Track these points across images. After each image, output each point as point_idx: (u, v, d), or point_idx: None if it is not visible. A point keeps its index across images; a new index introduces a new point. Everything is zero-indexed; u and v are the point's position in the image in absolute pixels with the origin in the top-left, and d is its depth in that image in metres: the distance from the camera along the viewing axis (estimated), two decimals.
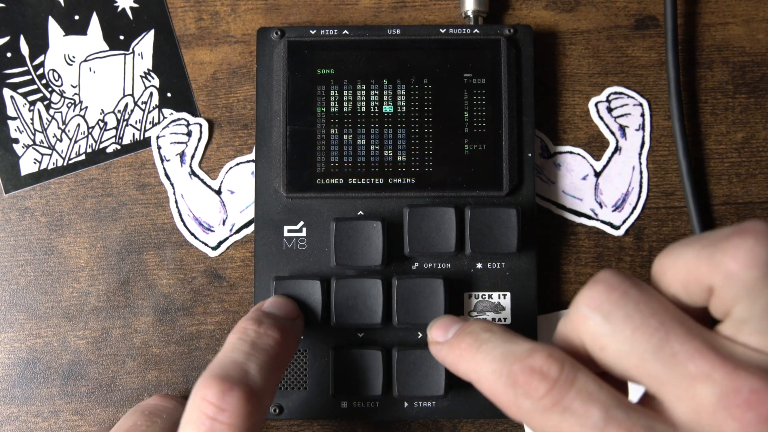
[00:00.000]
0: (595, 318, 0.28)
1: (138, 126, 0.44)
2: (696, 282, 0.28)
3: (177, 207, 0.44)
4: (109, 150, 0.44)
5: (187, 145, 0.44)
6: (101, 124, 0.44)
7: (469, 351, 0.32)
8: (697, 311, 0.29)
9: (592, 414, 0.27)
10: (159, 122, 0.44)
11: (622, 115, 0.44)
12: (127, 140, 0.44)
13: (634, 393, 0.31)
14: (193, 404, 0.32)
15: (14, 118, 0.44)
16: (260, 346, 0.35)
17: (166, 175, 0.44)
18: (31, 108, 0.45)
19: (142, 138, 0.44)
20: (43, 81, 0.45)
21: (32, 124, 0.44)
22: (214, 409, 0.32)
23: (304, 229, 0.42)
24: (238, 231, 0.44)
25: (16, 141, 0.44)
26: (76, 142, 0.44)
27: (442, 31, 0.43)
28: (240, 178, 0.44)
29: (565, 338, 0.30)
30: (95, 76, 0.45)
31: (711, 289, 0.28)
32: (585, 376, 0.28)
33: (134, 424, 0.37)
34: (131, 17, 0.45)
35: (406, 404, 0.42)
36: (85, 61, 0.45)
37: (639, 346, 0.27)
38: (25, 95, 0.45)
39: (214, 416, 0.32)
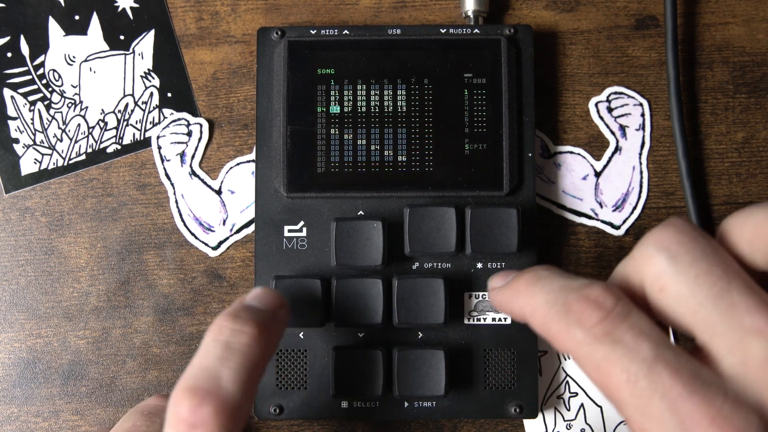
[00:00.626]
0: (661, 257, 0.28)
1: (138, 126, 0.44)
2: (761, 241, 0.28)
3: (177, 207, 0.44)
4: (110, 150, 0.44)
5: (187, 145, 0.44)
6: (101, 124, 0.44)
7: (527, 285, 0.31)
8: (757, 275, 0.29)
9: (643, 348, 0.27)
10: (159, 122, 0.44)
11: (622, 115, 0.44)
12: (127, 140, 0.44)
13: None
14: (168, 419, 0.31)
15: (14, 118, 0.44)
16: (234, 348, 0.33)
17: (167, 175, 0.44)
18: (32, 108, 0.45)
19: (142, 138, 0.44)
20: (44, 81, 0.45)
21: (32, 124, 0.44)
22: (186, 426, 0.31)
23: (305, 229, 0.42)
24: (238, 231, 0.44)
25: (17, 141, 0.44)
26: (76, 142, 0.44)
27: (442, 31, 0.43)
28: (240, 178, 0.44)
29: (625, 277, 0.30)
30: (95, 76, 0.45)
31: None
32: (638, 314, 0.28)
33: (133, 425, 0.37)
34: (131, 17, 0.45)
35: (406, 404, 0.42)
36: (86, 61, 0.45)
37: (700, 292, 0.27)
38: (25, 95, 0.45)
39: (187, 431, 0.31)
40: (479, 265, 0.42)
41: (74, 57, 0.45)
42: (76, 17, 0.45)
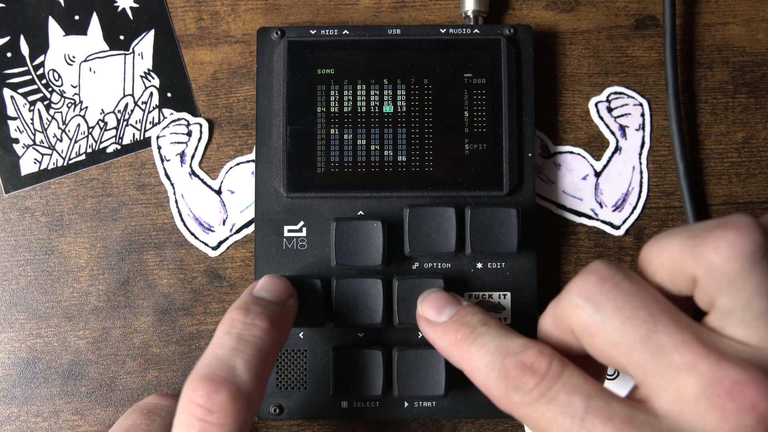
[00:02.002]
0: (587, 308, 0.29)
1: (138, 126, 0.44)
2: (680, 272, 0.29)
3: (177, 207, 0.44)
4: (109, 150, 0.44)
5: (187, 145, 0.44)
6: (101, 124, 0.44)
7: (465, 342, 0.33)
8: (682, 299, 0.30)
9: (575, 403, 0.28)
10: (159, 122, 0.44)
11: (622, 115, 0.44)
12: (127, 140, 0.44)
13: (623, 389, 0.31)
14: (182, 406, 0.32)
15: (14, 118, 0.44)
16: (247, 339, 0.34)
17: (167, 175, 0.44)
18: (31, 108, 0.45)
19: (142, 138, 0.44)
20: (43, 81, 0.45)
21: (32, 124, 0.44)
22: (202, 411, 0.32)
23: (305, 229, 0.42)
24: (238, 231, 0.44)
25: (16, 141, 0.44)
26: (76, 142, 0.44)
27: (442, 31, 0.43)
28: (240, 178, 0.44)
29: (555, 321, 0.31)
30: (95, 76, 0.45)
31: (695, 279, 0.29)
32: (571, 371, 0.29)
33: (133, 423, 0.37)
34: (131, 17, 0.45)
35: (406, 404, 0.42)
36: (85, 61, 0.45)
37: (627, 337, 0.28)
38: (25, 95, 0.45)
39: (203, 418, 0.32)
40: (479, 265, 0.42)
41: (74, 57, 0.45)
42: (76, 17, 0.45)
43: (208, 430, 0.32)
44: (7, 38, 0.45)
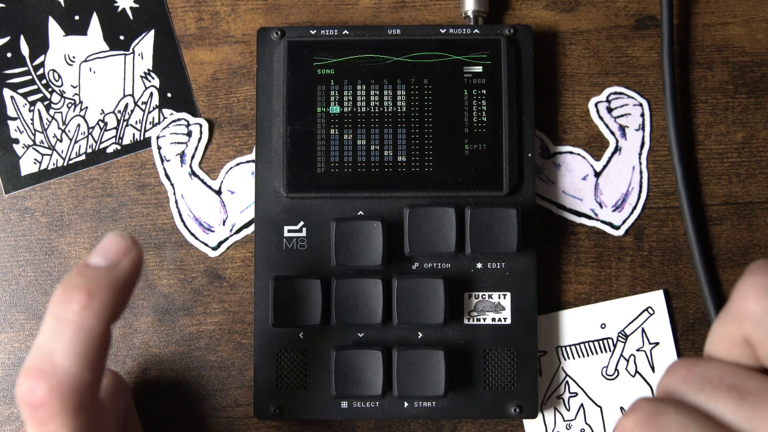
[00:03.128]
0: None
1: (138, 126, 0.44)
2: (734, 344, 0.28)
3: (177, 207, 0.44)
4: (109, 150, 0.44)
5: (187, 146, 0.44)
6: (101, 125, 0.44)
7: None
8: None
9: None
10: (159, 122, 0.44)
11: (622, 115, 0.44)
12: (127, 140, 0.44)
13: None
14: (19, 404, 0.31)
15: (14, 119, 0.44)
16: (64, 319, 0.31)
17: (166, 175, 0.44)
18: (31, 108, 0.45)
19: (142, 138, 0.44)
20: (43, 81, 0.45)
21: (32, 124, 0.44)
22: (30, 408, 0.30)
23: (304, 229, 0.42)
24: (238, 231, 0.44)
25: (16, 141, 0.44)
26: (76, 142, 0.44)
27: (442, 31, 0.43)
28: (240, 178, 0.44)
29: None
30: (95, 77, 0.45)
31: (748, 341, 0.28)
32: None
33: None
34: (131, 17, 0.45)
35: (406, 404, 0.42)
36: (85, 61, 0.45)
37: None
38: (25, 95, 0.45)
39: (32, 414, 0.30)
40: (479, 265, 0.42)
41: (74, 57, 0.45)
42: (76, 17, 0.45)
43: (42, 425, 0.30)
44: (7, 38, 0.45)
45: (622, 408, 0.43)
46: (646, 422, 0.27)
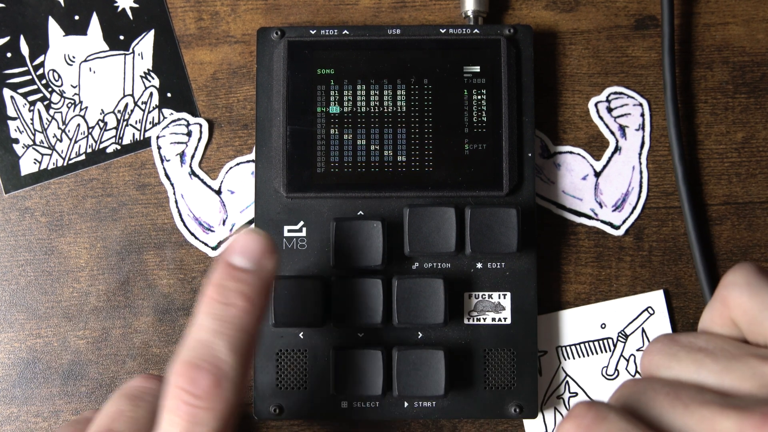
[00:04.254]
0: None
1: (138, 126, 0.44)
2: (724, 324, 0.31)
3: (177, 207, 0.44)
4: (109, 150, 0.44)
5: (187, 145, 0.44)
6: (101, 124, 0.44)
7: None
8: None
9: None
10: (159, 122, 0.44)
11: (622, 115, 0.44)
12: (127, 140, 0.44)
13: None
14: (168, 392, 0.32)
15: (14, 118, 0.44)
16: (226, 320, 0.33)
17: (166, 175, 0.44)
18: (31, 108, 0.45)
19: (142, 138, 0.44)
20: (43, 81, 0.45)
21: (32, 124, 0.44)
22: (188, 396, 0.32)
23: (304, 229, 0.42)
24: (238, 231, 0.44)
25: (16, 141, 0.44)
26: (76, 142, 0.44)
27: (442, 31, 0.43)
28: (240, 178, 0.44)
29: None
30: (95, 76, 0.45)
31: (734, 322, 0.30)
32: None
33: (118, 410, 0.36)
34: (131, 17, 0.45)
35: (406, 404, 0.42)
36: (85, 61, 0.45)
37: None
38: (25, 95, 0.45)
39: (190, 402, 0.31)
40: (479, 265, 0.42)
41: (74, 57, 0.45)
42: (76, 17, 0.45)
43: (195, 415, 0.31)
44: (7, 38, 0.45)
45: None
46: (587, 427, 0.28)
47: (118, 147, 0.44)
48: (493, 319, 0.42)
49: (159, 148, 0.44)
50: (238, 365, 0.33)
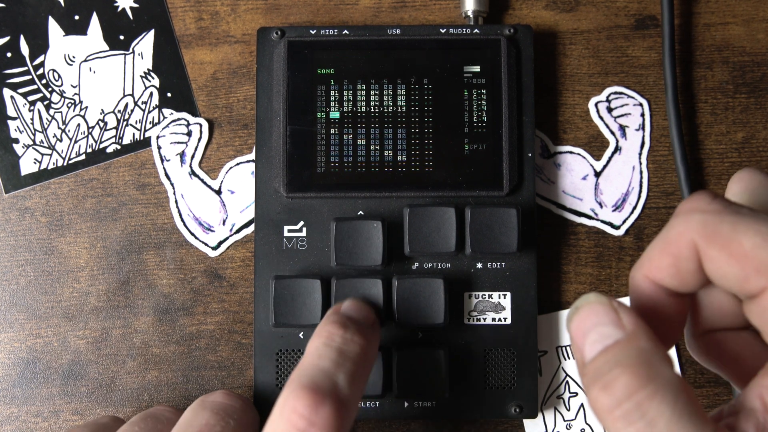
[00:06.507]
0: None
1: (138, 126, 0.44)
2: (663, 266, 0.30)
3: (177, 207, 0.44)
4: (109, 150, 0.44)
5: (187, 145, 0.44)
6: (101, 124, 0.44)
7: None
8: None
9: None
10: (159, 122, 0.44)
11: (622, 115, 0.44)
12: (127, 140, 0.44)
13: None
14: (281, 415, 0.31)
15: (14, 118, 0.44)
16: (347, 354, 0.34)
17: (166, 175, 0.44)
18: (31, 108, 0.45)
19: (142, 138, 0.44)
20: (43, 81, 0.45)
21: (32, 124, 0.44)
22: (305, 423, 0.31)
23: (304, 229, 0.42)
24: (238, 231, 0.44)
25: (16, 141, 0.44)
26: (76, 142, 0.44)
27: (442, 31, 0.43)
28: (240, 178, 0.44)
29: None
30: (95, 76, 0.45)
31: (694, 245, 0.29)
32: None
33: (206, 423, 0.36)
34: (131, 17, 0.45)
35: (406, 404, 0.42)
36: (85, 61, 0.45)
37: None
38: (25, 95, 0.45)
39: (304, 428, 0.31)
40: (479, 265, 0.42)
41: (74, 57, 0.45)
42: (76, 17, 0.45)
43: None
44: (7, 38, 0.45)
45: None
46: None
47: (118, 147, 0.44)
48: (493, 319, 0.42)
49: (159, 148, 0.44)
50: (354, 401, 0.33)
